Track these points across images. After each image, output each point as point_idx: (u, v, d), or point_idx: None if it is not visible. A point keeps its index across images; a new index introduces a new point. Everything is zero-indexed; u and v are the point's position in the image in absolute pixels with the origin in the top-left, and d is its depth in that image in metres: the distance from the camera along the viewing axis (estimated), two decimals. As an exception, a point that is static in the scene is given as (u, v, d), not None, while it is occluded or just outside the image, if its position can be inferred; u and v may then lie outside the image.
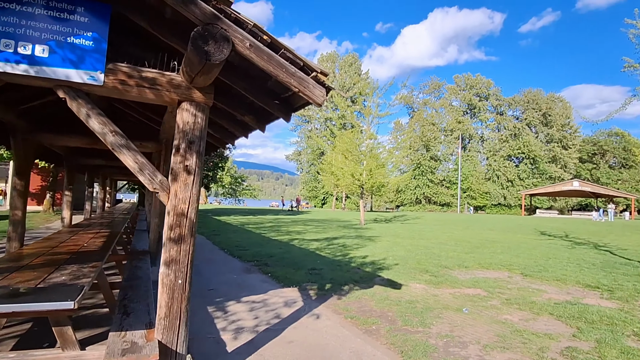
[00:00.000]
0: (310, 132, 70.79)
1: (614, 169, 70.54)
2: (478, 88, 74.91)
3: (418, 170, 68.13)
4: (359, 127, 25.69)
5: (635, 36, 10.74)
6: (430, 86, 78.36)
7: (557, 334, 4.77)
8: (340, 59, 73.25)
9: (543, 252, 12.34)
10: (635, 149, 14.41)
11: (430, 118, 72.48)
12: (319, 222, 24.36)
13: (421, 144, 69.12)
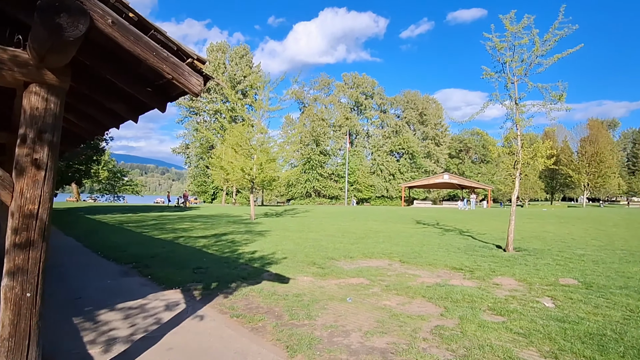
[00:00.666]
0: (199, 125, 67.97)
1: (475, 164, 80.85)
2: (364, 87, 79.35)
3: (308, 165, 69.84)
4: (249, 120, 25.32)
5: (491, 48, 12.19)
6: (321, 82, 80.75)
7: (428, 314, 5.23)
8: (231, 50, 71.42)
9: (418, 239, 13.52)
10: (490, 146, 17.14)
11: (320, 114, 74.65)
12: (207, 218, 23.50)
13: (311, 138, 70.88)
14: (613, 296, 5.95)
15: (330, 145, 75.61)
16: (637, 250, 11.05)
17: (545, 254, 10.27)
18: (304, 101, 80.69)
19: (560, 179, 69.28)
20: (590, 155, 64.60)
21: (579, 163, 65.17)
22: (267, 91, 23.86)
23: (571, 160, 66.45)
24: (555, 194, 77.32)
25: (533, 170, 14.41)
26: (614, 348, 3.96)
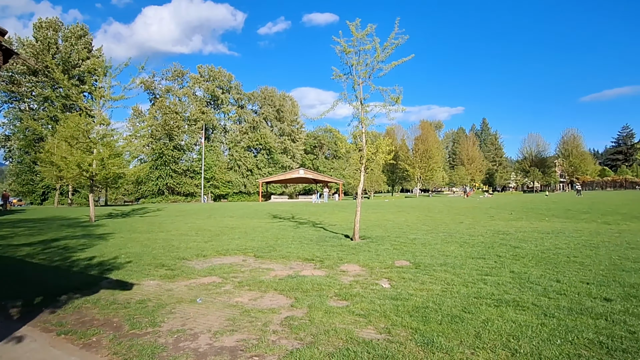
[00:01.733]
0: (23, 113, 57.73)
1: (328, 159, 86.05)
2: (220, 80, 77.38)
3: (160, 160, 65.32)
4: (87, 110, 22.42)
5: (340, 52, 12.99)
6: (173, 73, 76.03)
7: (279, 306, 5.32)
8: (66, 29, 62.13)
9: (274, 233, 13.76)
10: (340, 142, 18.77)
11: (173, 106, 70.31)
12: (34, 223, 20.14)
13: (164, 132, 66.36)
14: (435, 273, 6.93)
15: (184, 139, 71.86)
16: (455, 232, 13.09)
17: (385, 240, 11.43)
18: (154, 92, 75.07)
19: (399, 173, 78.24)
20: (422, 152, 74.47)
21: (413, 159, 74.60)
22: (109, 78, 21.44)
23: (407, 156, 75.67)
24: (396, 186, 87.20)
25: (377, 165, 15.79)
26: (434, 317, 4.58)
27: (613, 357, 3.44)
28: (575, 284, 5.92)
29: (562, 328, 4.14)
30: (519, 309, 4.81)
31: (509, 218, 19.16)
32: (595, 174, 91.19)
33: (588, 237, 11.17)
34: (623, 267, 7.09)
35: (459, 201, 44.11)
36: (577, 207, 26.29)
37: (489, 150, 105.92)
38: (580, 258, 7.98)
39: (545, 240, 10.74)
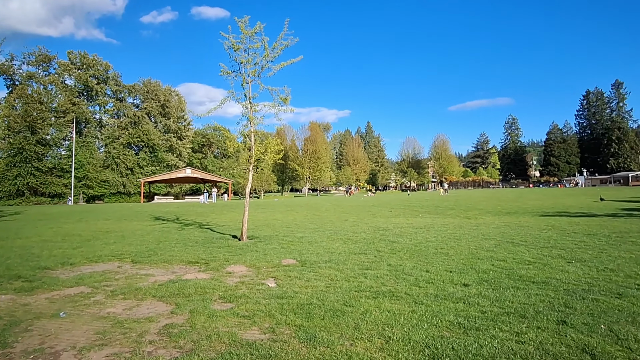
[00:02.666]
0: None
1: (217, 158, 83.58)
2: (96, 69, 70.02)
3: (20, 157, 56.80)
4: None
5: (229, 48, 12.67)
6: (37, 57, 66.65)
7: (157, 314, 4.98)
8: None
9: (156, 236, 12.89)
10: (228, 141, 18.44)
11: (37, 95, 61.66)
12: None
13: (24, 124, 57.83)
14: (320, 269, 7.15)
15: (51, 133, 63.42)
16: (340, 229, 13.70)
17: (273, 239, 11.47)
18: (13, 78, 65.12)
19: (289, 173, 79.52)
20: (311, 152, 76.64)
21: (303, 159, 76.37)
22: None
23: (297, 157, 77.25)
24: (285, 185, 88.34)
25: (267, 165, 15.75)
26: (317, 313, 4.71)
27: (468, 336, 3.89)
28: (441, 273, 6.61)
29: (429, 313, 4.57)
30: (393, 299, 5.20)
31: (389, 215, 20.67)
32: (460, 175, 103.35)
33: (453, 231, 12.57)
34: (478, 255, 8.12)
35: (345, 200, 46.37)
36: (445, 204, 29.45)
37: (372, 152, 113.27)
38: (446, 249, 8.94)
39: (418, 234, 11.81)
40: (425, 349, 3.64)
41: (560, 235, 11.15)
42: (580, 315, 4.40)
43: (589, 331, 3.92)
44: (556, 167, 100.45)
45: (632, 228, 12.30)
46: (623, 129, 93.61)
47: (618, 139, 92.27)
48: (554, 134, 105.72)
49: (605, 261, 7.32)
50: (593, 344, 3.62)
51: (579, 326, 4.05)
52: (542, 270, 6.71)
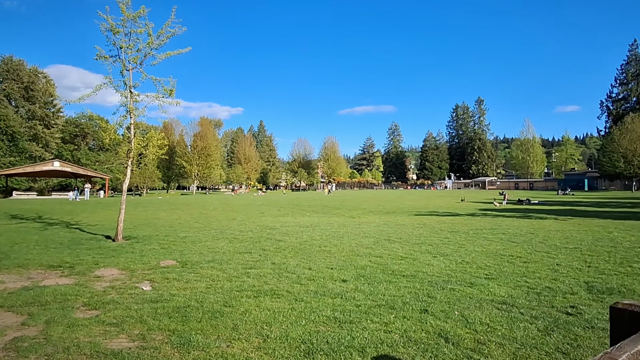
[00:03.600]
0: None
1: (93, 151, 75.55)
2: None
3: None
4: None
5: (106, 30, 11.54)
6: None
7: (5, 327, 4.31)
8: None
9: (10, 237, 11.19)
10: (104, 133, 16.31)
11: None
12: None
13: None
14: (202, 270, 6.89)
15: None
16: (227, 228, 13.39)
17: (153, 239, 10.75)
18: None
19: (176, 169, 75.40)
20: (200, 149, 73.71)
21: (191, 155, 73.06)
22: None
23: (185, 153, 73.65)
24: (172, 182, 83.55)
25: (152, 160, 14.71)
26: (195, 316, 4.52)
27: (342, 329, 4.09)
28: (322, 270, 6.84)
29: (308, 310, 4.69)
30: (275, 297, 5.23)
31: (277, 214, 20.82)
32: (347, 176, 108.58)
33: (337, 229, 13.14)
34: (358, 252, 8.60)
35: (234, 198, 45.58)
36: (332, 204, 30.68)
37: (264, 151, 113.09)
38: (329, 247, 9.30)
39: (304, 233, 12.09)
40: (302, 344, 3.72)
41: (429, 232, 12.36)
42: (440, 303, 4.91)
43: (445, 317, 4.40)
44: (430, 171, 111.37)
45: (485, 225, 14.17)
46: (482, 140, 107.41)
47: (479, 148, 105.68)
48: (429, 141, 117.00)
49: (463, 255, 8.30)
50: (447, 328, 4.06)
51: (437, 314, 4.52)
52: (412, 264, 7.36)
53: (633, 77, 79.94)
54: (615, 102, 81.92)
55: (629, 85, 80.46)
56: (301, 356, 3.48)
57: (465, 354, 3.48)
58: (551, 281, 6.03)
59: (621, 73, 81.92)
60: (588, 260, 7.71)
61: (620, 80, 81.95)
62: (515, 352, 3.51)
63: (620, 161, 60.46)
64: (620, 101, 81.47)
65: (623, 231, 12.35)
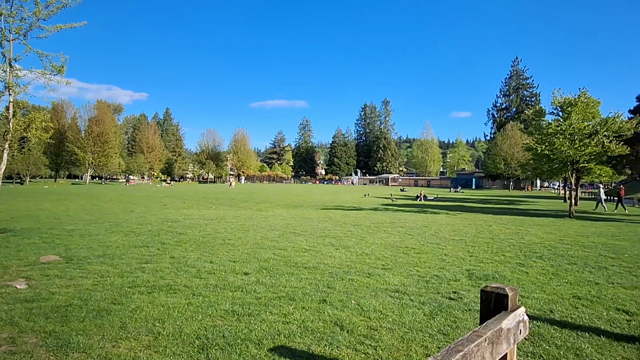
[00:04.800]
0: None
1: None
2: None
3: None
4: None
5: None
6: None
7: None
8: None
9: None
10: None
11: None
12: None
13: None
14: (90, 265, 6.31)
15: None
16: (123, 221, 12.46)
17: (34, 232, 9.61)
18: None
19: (67, 156, 68.16)
20: (96, 135, 67.47)
21: (85, 141, 66.55)
22: None
23: (78, 138, 66.84)
24: (61, 171, 75.37)
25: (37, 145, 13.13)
26: (77, 315, 4.12)
27: (240, 322, 4.02)
28: (224, 263, 6.68)
29: (206, 304, 4.54)
30: (171, 293, 4.98)
31: (182, 207, 19.93)
32: (257, 169, 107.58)
33: (243, 222, 12.94)
34: (263, 245, 8.56)
35: (134, 189, 42.69)
36: (240, 196, 30.20)
37: (170, 140, 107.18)
38: (233, 240, 9.12)
39: (208, 226, 11.71)
40: (196, 340, 3.58)
41: (334, 225, 12.74)
42: (338, 293, 5.08)
43: (342, 307, 4.56)
44: (338, 167, 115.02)
45: (386, 219, 15.02)
46: (387, 139, 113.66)
47: (384, 147, 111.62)
48: (338, 138, 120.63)
49: (363, 247, 8.69)
50: (343, 317, 4.21)
51: (335, 303, 4.67)
52: (315, 256, 7.51)
53: (514, 89, 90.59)
54: (499, 111, 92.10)
55: (510, 96, 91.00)
56: (194, 352, 3.35)
57: (358, 339, 3.64)
58: (439, 270, 6.57)
59: (504, 85, 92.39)
60: (471, 250, 8.55)
61: (504, 92, 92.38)
62: (403, 335, 3.76)
63: (501, 163, 68.05)
64: (503, 110, 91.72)
65: (500, 225, 13.92)
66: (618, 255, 8.34)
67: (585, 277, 6.29)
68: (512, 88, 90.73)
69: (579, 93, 18.87)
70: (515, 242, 9.97)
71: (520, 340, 2.62)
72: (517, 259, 7.75)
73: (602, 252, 8.69)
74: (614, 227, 14.09)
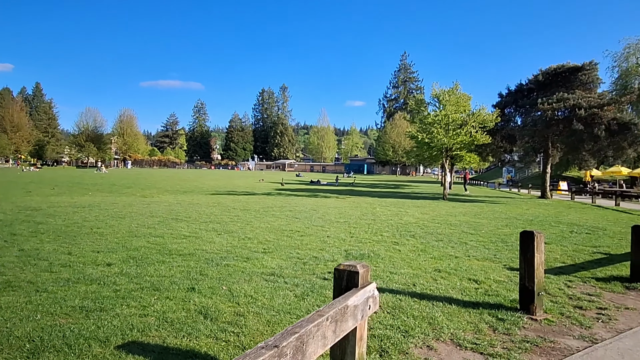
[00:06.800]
0: None
1: None
2: None
3: None
4: None
5: None
6: None
7: None
8: None
9: None
10: None
11: None
12: None
13: None
14: None
15: None
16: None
17: None
18: None
19: None
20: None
21: None
22: None
23: None
24: None
25: None
26: None
27: (89, 319, 3.55)
28: (85, 254, 5.96)
29: (50, 301, 3.95)
30: (8, 291, 4.25)
31: (50, 193, 17.74)
32: (146, 154, 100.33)
33: (120, 209, 11.85)
34: (137, 233, 7.87)
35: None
36: (123, 182, 27.87)
37: (41, 119, 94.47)
38: (103, 229, 8.25)
39: (76, 214, 10.49)
40: (27, 343, 3.06)
41: (222, 211, 12.32)
42: (210, 280, 4.82)
43: (211, 294, 4.32)
44: (235, 152, 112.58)
45: (277, 204, 15.00)
46: (285, 125, 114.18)
47: (281, 132, 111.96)
48: (235, 123, 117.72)
49: (248, 231, 8.49)
50: (210, 304, 3.98)
51: (204, 290, 4.41)
52: (194, 243, 7.12)
53: (402, 82, 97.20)
54: (389, 101, 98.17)
55: (399, 88, 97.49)
56: (22, 358, 2.86)
57: (221, 327, 3.44)
58: (319, 251, 6.66)
59: (394, 77, 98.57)
60: (352, 231, 8.88)
61: (393, 83, 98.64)
62: (270, 319, 3.66)
63: (390, 150, 72.87)
64: (392, 101, 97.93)
65: (384, 207, 14.78)
66: (477, 231, 9.36)
67: (447, 252, 6.90)
68: (400, 80, 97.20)
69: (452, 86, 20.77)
70: (394, 222, 10.63)
71: (370, 314, 2.68)
72: (393, 238, 8.24)
73: (464, 229, 9.68)
74: (477, 207, 15.88)
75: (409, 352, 3.15)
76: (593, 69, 23.73)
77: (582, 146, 21.92)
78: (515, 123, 25.51)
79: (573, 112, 21.14)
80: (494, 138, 23.11)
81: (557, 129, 22.40)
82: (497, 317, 3.93)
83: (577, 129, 20.67)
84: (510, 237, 8.57)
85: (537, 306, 4.04)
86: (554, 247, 7.55)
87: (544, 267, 4.20)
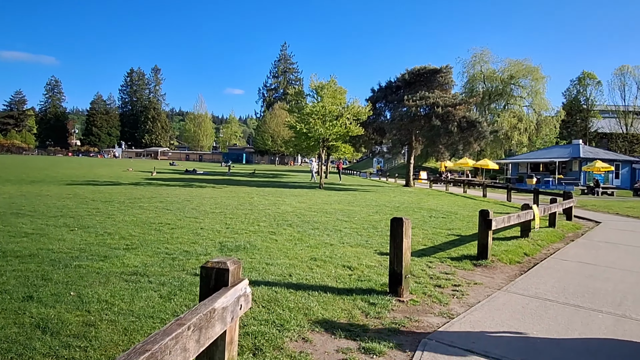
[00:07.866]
0: None
1: None
2: None
3: None
4: None
5: None
6: None
7: None
8: None
9: None
10: None
11: None
12: None
13: None
14: None
15: None
16: None
17: None
18: None
19: None
20: None
21: None
22: None
23: None
24: None
25: None
26: None
27: None
28: None
29: None
30: None
31: None
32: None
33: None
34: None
35: None
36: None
37: None
38: None
39: None
40: None
41: (77, 203, 10.83)
42: (55, 285, 4.08)
43: (55, 302, 3.63)
44: (98, 138, 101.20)
45: (145, 194, 13.77)
46: (157, 110, 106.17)
47: (153, 118, 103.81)
48: (98, 105, 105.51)
49: (108, 226, 7.54)
50: (52, 315, 3.33)
51: (46, 298, 3.69)
52: (37, 241, 6.04)
53: (282, 72, 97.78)
54: (269, 91, 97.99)
55: (278, 78, 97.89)
56: None
57: (65, 342, 2.88)
58: (191, 245, 6.19)
59: (274, 67, 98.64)
60: (228, 222, 8.51)
61: (273, 73, 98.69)
62: (127, 327, 3.19)
63: (269, 140, 72.93)
64: (272, 90, 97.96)
65: (261, 196, 14.61)
66: (350, 218, 9.76)
67: (323, 240, 7.01)
68: (280, 70, 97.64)
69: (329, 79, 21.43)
70: (271, 212, 10.52)
71: (242, 314, 2.45)
72: (270, 227, 8.11)
73: (339, 217, 10.02)
74: (351, 196, 16.71)
75: (284, 347, 3.02)
76: (449, 72, 26.79)
77: (439, 140, 24.58)
78: (385, 117, 27.45)
79: (432, 109, 23.58)
80: (367, 130, 24.58)
81: (419, 124, 24.72)
82: (369, 302, 4.05)
83: (436, 125, 23.11)
84: (380, 223, 9.11)
85: (404, 288, 4.27)
86: (416, 231, 8.20)
87: (410, 251, 4.46)
